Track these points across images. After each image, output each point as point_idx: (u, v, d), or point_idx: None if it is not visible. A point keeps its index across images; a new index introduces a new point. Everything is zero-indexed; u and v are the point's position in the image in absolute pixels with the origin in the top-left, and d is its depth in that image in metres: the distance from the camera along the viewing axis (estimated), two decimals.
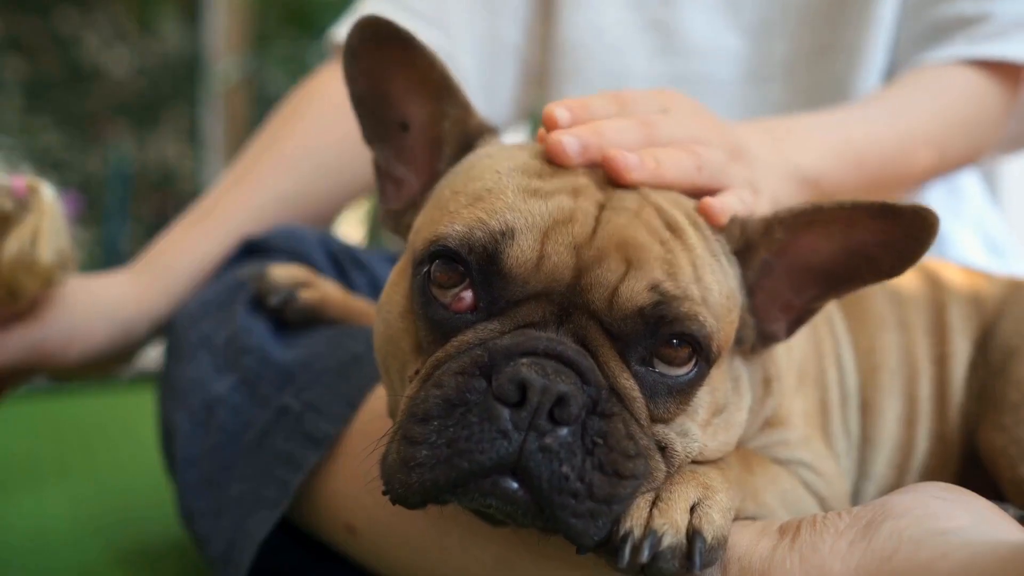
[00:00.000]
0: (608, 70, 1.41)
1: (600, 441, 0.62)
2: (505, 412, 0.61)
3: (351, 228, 4.39)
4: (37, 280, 1.04)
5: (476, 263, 0.66)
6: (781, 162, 0.96)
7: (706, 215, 0.74)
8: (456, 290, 0.67)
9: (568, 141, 0.72)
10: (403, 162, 0.83)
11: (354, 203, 1.45)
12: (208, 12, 5.03)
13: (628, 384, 0.66)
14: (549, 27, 1.45)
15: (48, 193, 1.06)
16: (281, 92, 1.50)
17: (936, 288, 1.00)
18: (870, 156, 1.07)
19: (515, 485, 0.61)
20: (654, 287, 0.66)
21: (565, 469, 0.61)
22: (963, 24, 1.18)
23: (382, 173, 0.84)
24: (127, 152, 4.88)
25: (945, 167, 1.19)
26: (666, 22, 1.38)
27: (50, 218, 1.04)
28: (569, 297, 0.66)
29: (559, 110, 0.75)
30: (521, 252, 0.66)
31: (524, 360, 0.62)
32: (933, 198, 1.35)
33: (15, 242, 1.01)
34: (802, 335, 0.91)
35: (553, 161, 0.72)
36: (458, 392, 0.62)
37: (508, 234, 0.66)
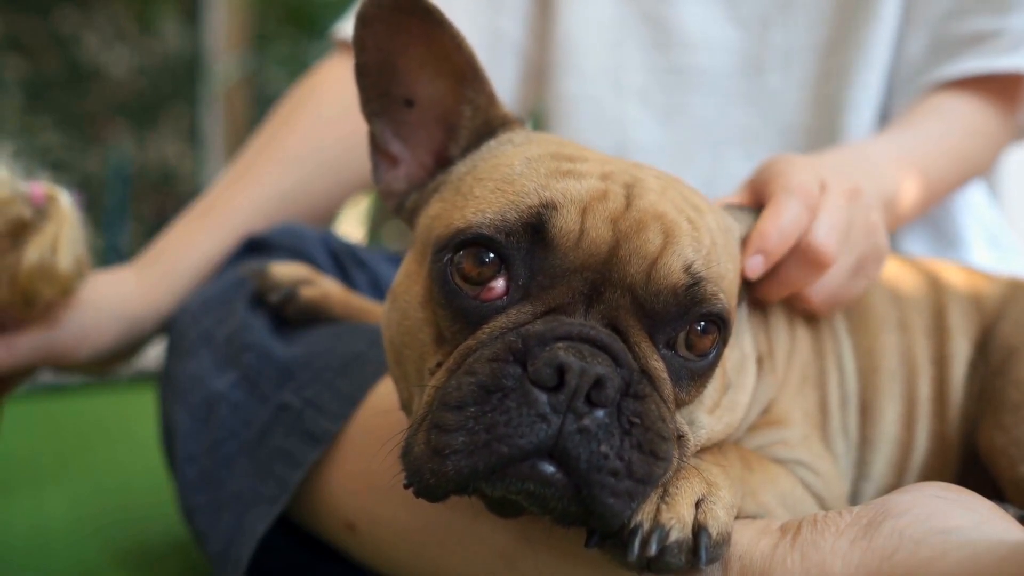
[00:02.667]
0: (604, 64, 1.41)
1: (637, 421, 0.63)
2: (543, 396, 0.61)
3: (352, 227, 4.39)
4: (55, 288, 1.04)
5: (516, 243, 0.66)
6: (875, 192, 0.99)
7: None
8: (485, 279, 0.67)
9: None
10: (401, 139, 0.81)
11: (354, 200, 1.45)
12: (208, 12, 5.03)
13: (658, 366, 0.66)
14: (547, 22, 1.45)
15: (66, 200, 1.06)
16: (281, 92, 1.50)
17: (936, 289, 1.00)
18: (929, 174, 1.12)
19: (552, 468, 0.61)
20: (687, 267, 0.67)
21: (604, 448, 0.61)
22: (977, 40, 1.20)
23: (377, 147, 0.82)
24: (127, 152, 4.88)
25: (968, 180, 1.25)
26: (661, 15, 1.39)
27: (69, 226, 1.04)
28: (603, 272, 0.66)
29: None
30: (565, 224, 0.66)
31: (560, 344, 0.62)
32: None
33: (35, 251, 1.01)
34: (804, 335, 0.92)
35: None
36: (493, 378, 0.62)
37: (551, 206, 0.66)
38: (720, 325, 0.69)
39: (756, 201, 0.88)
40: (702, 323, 0.68)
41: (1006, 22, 1.18)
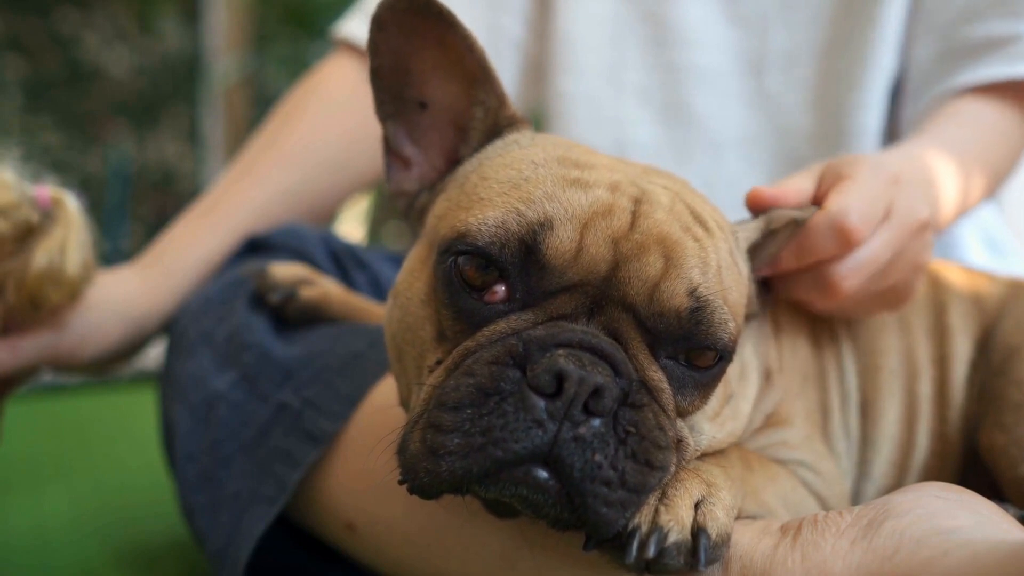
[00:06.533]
0: (603, 61, 1.41)
1: (632, 430, 0.63)
2: (541, 402, 0.61)
3: (352, 227, 4.39)
4: (62, 292, 1.04)
5: (511, 257, 0.66)
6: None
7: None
8: (487, 285, 0.67)
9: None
10: (414, 141, 0.82)
11: (355, 199, 1.45)
12: (208, 12, 5.03)
13: (657, 376, 0.66)
14: (547, 19, 1.45)
15: (72, 204, 1.07)
16: (281, 92, 1.51)
17: (937, 289, 1.00)
18: (969, 185, 1.10)
19: (546, 474, 0.61)
20: (692, 291, 0.66)
21: (598, 458, 0.61)
22: (992, 46, 1.17)
23: (390, 150, 0.82)
24: (127, 152, 4.88)
25: (993, 188, 1.21)
26: (661, 13, 1.39)
27: (76, 230, 1.04)
28: (604, 290, 0.66)
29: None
30: (560, 243, 0.65)
31: (560, 351, 0.62)
32: None
33: (43, 255, 1.01)
34: (803, 335, 0.92)
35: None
36: (492, 381, 0.62)
37: (547, 224, 0.66)
38: (721, 352, 0.69)
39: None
40: (704, 346, 0.68)
41: (1021, 27, 1.16)
